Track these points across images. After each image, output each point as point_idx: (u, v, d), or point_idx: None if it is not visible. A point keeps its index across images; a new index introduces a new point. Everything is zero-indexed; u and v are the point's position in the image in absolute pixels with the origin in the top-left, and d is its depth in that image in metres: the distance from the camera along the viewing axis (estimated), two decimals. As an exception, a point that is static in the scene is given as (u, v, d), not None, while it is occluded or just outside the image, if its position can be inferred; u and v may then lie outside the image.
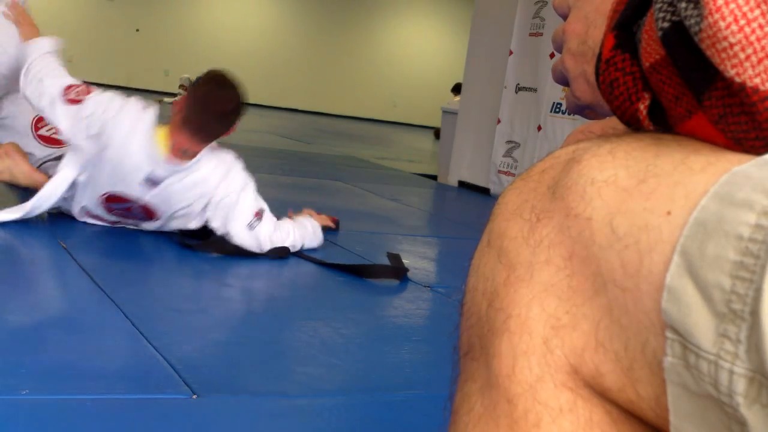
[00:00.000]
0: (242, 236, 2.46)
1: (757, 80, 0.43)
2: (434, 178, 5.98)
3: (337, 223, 3.17)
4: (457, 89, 12.56)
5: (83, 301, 1.93)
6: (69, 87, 2.44)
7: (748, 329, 0.39)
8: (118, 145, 2.39)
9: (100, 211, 2.52)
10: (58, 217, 2.55)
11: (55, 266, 2.12)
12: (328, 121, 13.68)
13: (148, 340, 1.63)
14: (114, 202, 2.49)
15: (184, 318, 1.85)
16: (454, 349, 0.54)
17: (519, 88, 5.06)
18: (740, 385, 0.39)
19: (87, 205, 2.50)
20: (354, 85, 17.40)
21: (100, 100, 2.43)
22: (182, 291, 2.04)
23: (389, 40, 17.76)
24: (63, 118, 2.40)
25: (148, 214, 2.51)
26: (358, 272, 2.43)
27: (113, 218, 2.55)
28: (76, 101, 2.42)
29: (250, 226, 2.48)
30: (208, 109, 2.35)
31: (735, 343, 0.39)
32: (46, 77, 2.44)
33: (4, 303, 1.76)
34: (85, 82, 2.49)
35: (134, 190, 2.43)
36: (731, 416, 0.40)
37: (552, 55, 4.64)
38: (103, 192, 2.45)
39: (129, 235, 2.54)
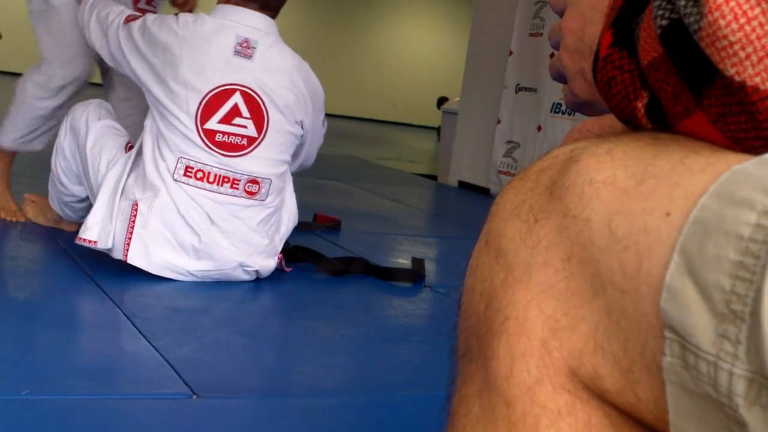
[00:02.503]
0: (316, 139, 2.38)
1: (757, 79, 0.43)
2: (434, 178, 5.97)
3: (337, 223, 3.17)
4: (441, 101, 12.59)
5: (83, 301, 1.93)
6: (128, 17, 2.24)
7: (748, 330, 0.38)
8: (192, 29, 2.12)
9: (202, 153, 2.09)
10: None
11: (55, 266, 2.12)
12: (328, 121, 13.69)
13: (148, 340, 1.63)
14: (216, 111, 2.09)
15: (184, 318, 1.85)
16: (452, 349, 0.54)
17: (519, 88, 5.05)
18: (740, 387, 0.39)
19: (185, 150, 2.09)
20: (354, 85, 17.39)
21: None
22: (182, 291, 2.04)
23: (389, 40, 17.75)
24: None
25: (255, 111, 2.14)
26: (377, 274, 2.45)
27: (220, 163, 2.11)
28: (133, 19, 2.20)
29: (324, 123, 2.45)
30: None
31: (735, 344, 0.39)
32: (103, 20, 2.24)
33: (4, 303, 1.76)
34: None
35: (230, 70, 2.11)
36: (731, 417, 0.40)
37: (552, 55, 4.63)
38: (199, 100, 2.08)
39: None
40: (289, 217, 2.35)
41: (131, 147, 2.23)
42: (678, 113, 0.47)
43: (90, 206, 2.22)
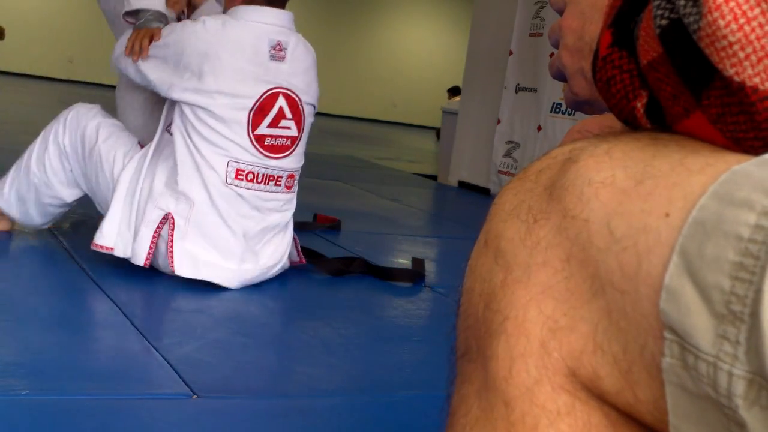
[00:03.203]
0: None
1: (756, 80, 0.42)
2: (434, 178, 5.97)
3: (337, 223, 3.17)
4: (452, 91, 12.58)
5: (83, 301, 1.93)
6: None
7: (748, 331, 0.38)
8: (224, 35, 2.10)
9: (251, 157, 2.11)
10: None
11: (55, 266, 2.12)
12: (328, 121, 13.67)
13: (148, 340, 1.63)
14: (266, 116, 2.12)
15: (184, 318, 1.85)
16: (451, 350, 0.53)
17: (519, 88, 5.05)
18: (739, 387, 0.39)
19: (236, 155, 2.10)
20: (354, 85, 17.39)
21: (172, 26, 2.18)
22: (182, 291, 2.04)
23: (389, 40, 17.75)
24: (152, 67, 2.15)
25: (296, 112, 2.18)
26: (377, 274, 2.45)
27: (266, 164, 2.14)
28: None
29: None
30: None
31: (734, 345, 0.39)
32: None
33: (4, 303, 1.76)
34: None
35: (269, 75, 2.12)
36: (730, 418, 0.40)
37: (552, 55, 4.63)
38: (250, 107, 2.09)
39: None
40: None
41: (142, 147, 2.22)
42: (677, 113, 0.47)
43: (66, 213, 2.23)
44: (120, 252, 2.07)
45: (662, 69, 0.46)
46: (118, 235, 2.08)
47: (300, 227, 2.97)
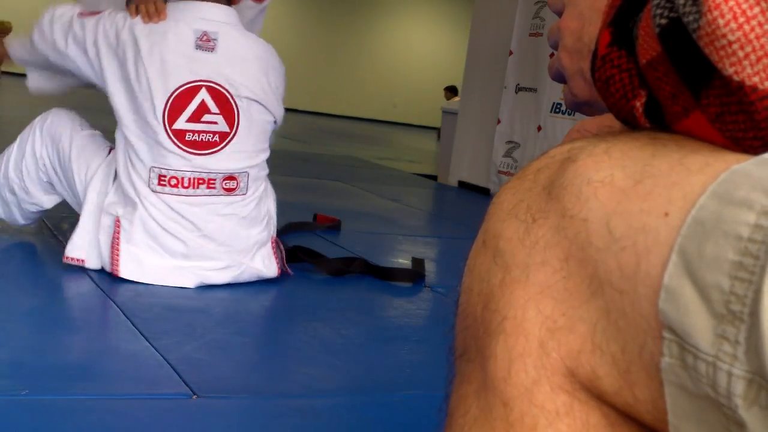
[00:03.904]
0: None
1: (756, 79, 0.42)
2: (434, 178, 5.97)
3: (337, 223, 3.16)
4: (450, 89, 12.58)
5: (83, 301, 1.93)
6: (81, 13, 2.14)
7: (747, 331, 0.38)
8: (149, 27, 2.05)
9: (174, 158, 2.04)
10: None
11: (54, 266, 2.12)
12: (328, 121, 13.67)
13: (148, 340, 1.63)
14: (183, 110, 2.03)
15: (184, 318, 1.85)
16: (450, 350, 0.53)
17: (519, 88, 5.05)
18: (739, 387, 0.39)
19: (156, 159, 2.04)
20: (354, 85, 17.40)
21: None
22: (182, 291, 2.04)
23: (389, 40, 17.75)
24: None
25: (224, 106, 2.08)
26: (377, 274, 2.45)
27: (192, 165, 2.06)
28: (90, 14, 2.11)
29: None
30: None
31: (734, 345, 0.39)
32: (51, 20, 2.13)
33: (4, 303, 1.76)
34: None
35: (193, 66, 2.05)
36: (730, 417, 0.40)
37: (552, 55, 4.64)
38: (165, 98, 2.02)
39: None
40: (272, 201, 2.31)
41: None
42: (676, 113, 0.47)
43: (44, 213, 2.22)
44: (91, 264, 2.05)
45: (661, 68, 0.46)
46: (89, 246, 2.05)
47: (300, 227, 2.97)
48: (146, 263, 2.04)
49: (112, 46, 2.07)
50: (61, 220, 2.50)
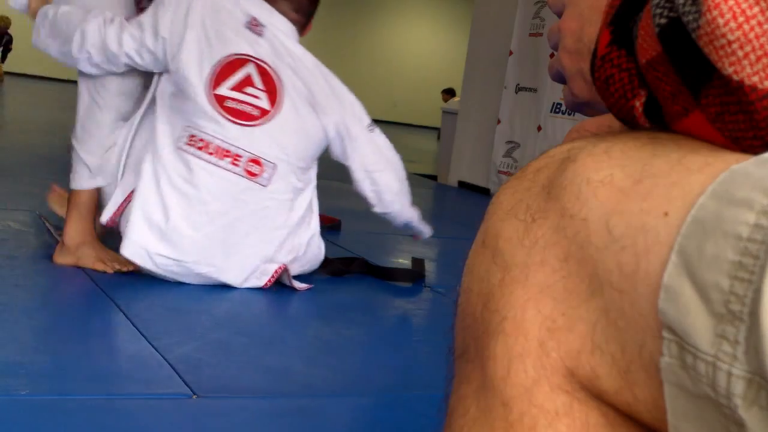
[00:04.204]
0: (365, 144, 2.20)
1: (755, 78, 0.42)
2: (434, 178, 5.97)
3: (337, 223, 3.16)
4: (447, 92, 12.57)
5: (83, 301, 1.93)
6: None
7: (747, 330, 0.38)
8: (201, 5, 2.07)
9: (209, 121, 2.04)
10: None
11: (54, 266, 2.12)
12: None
13: (148, 340, 1.63)
14: (228, 78, 2.05)
15: (184, 318, 1.85)
16: (449, 349, 0.53)
17: (519, 89, 5.05)
18: (739, 387, 0.39)
19: (192, 118, 2.04)
20: (354, 85, 17.27)
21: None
22: (182, 291, 2.04)
23: (389, 40, 17.76)
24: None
25: (269, 85, 2.09)
26: (377, 274, 2.45)
27: (224, 134, 2.05)
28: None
29: (370, 128, 2.24)
30: None
31: (733, 345, 0.39)
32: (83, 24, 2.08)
33: (4, 303, 1.76)
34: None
35: (242, 42, 2.08)
36: (729, 417, 0.40)
37: (552, 56, 4.64)
38: (213, 64, 2.05)
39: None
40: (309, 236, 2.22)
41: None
42: (676, 112, 0.47)
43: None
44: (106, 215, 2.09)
45: (661, 68, 0.46)
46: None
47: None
48: (130, 229, 2.00)
49: (164, 18, 2.07)
50: (60, 220, 2.50)
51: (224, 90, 2.06)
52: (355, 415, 1.45)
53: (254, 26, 2.11)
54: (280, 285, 2.21)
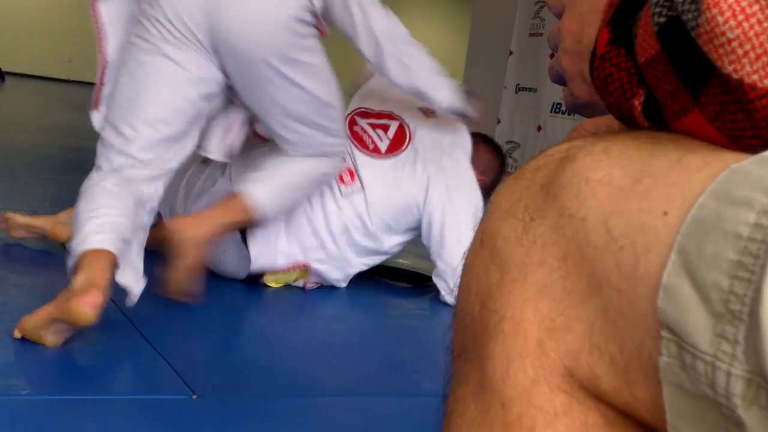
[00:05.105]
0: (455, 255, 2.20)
1: (755, 77, 0.42)
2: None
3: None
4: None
5: (83, 302, 1.92)
6: None
7: (747, 330, 0.38)
8: None
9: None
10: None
11: (54, 266, 2.12)
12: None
13: (148, 340, 1.63)
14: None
15: (184, 318, 1.85)
16: (447, 349, 0.53)
17: (519, 89, 5.06)
18: (738, 387, 0.38)
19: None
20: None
21: None
22: (182, 291, 2.03)
23: (390, 40, 17.73)
24: None
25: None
26: (379, 273, 2.45)
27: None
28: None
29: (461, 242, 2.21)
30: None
31: (733, 344, 0.39)
32: None
33: (4, 303, 1.76)
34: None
35: None
36: (728, 417, 0.39)
37: (552, 56, 4.65)
38: None
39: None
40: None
41: None
42: (675, 111, 0.47)
43: None
44: None
45: (660, 67, 0.46)
46: None
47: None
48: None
49: None
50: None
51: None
52: (355, 416, 1.45)
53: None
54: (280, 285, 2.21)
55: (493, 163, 2.45)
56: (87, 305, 1.41)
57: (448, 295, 2.23)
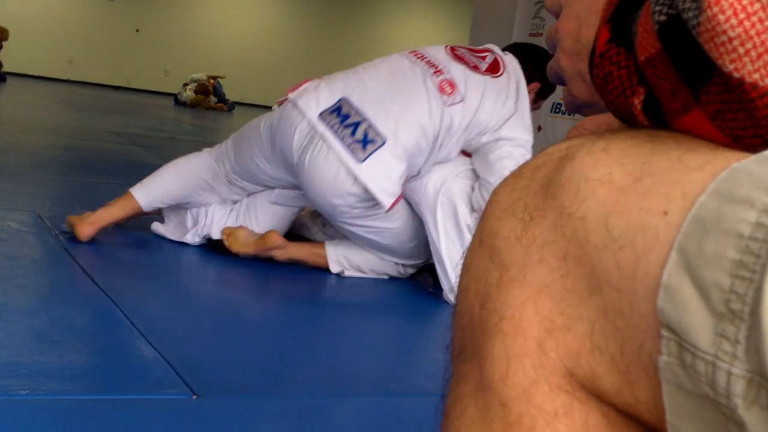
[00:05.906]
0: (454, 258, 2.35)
1: (756, 75, 0.42)
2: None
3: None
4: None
5: (83, 301, 1.93)
6: None
7: (747, 329, 0.38)
8: None
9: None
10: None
11: (55, 266, 2.12)
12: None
13: (148, 340, 1.63)
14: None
15: (184, 318, 1.85)
16: (446, 349, 0.53)
17: (519, 88, 5.04)
18: (738, 387, 0.38)
19: None
20: (355, 85, 17.36)
21: None
22: (182, 291, 2.04)
23: (389, 40, 17.75)
24: None
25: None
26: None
27: None
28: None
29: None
30: None
31: (733, 344, 0.38)
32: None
33: (4, 303, 1.76)
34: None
35: None
36: (729, 417, 0.39)
37: (551, 57, 4.64)
38: None
39: (128, 234, 2.53)
40: None
41: None
42: (675, 110, 0.46)
43: None
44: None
45: (660, 65, 0.46)
46: None
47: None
48: None
49: None
50: (60, 221, 2.50)
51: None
52: (355, 415, 1.45)
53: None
54: (280, 286, 2.22)
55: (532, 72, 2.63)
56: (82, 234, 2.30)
57: (449, 294, 2.23)
